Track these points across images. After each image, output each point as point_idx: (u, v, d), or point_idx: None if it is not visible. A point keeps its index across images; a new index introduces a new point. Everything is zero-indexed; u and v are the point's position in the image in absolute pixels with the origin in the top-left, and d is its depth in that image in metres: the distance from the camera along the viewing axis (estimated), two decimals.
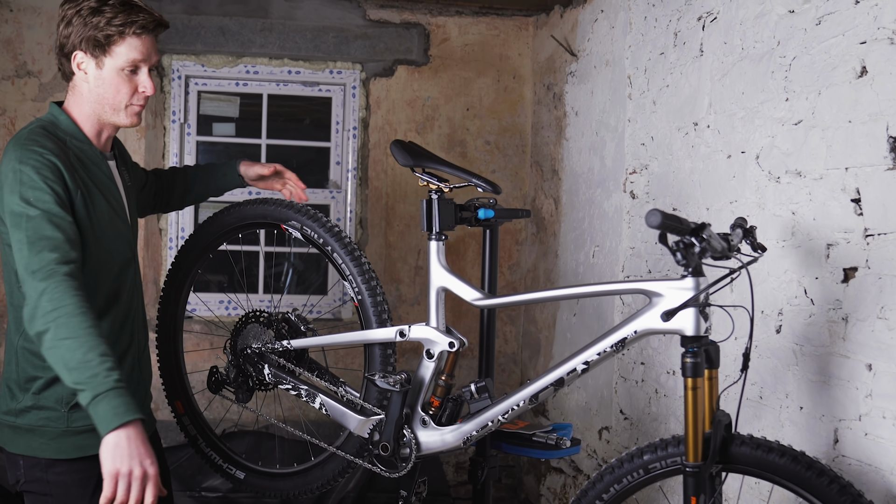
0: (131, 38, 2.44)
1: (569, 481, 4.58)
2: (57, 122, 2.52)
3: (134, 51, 2.46)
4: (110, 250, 2.53)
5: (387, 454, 2.75)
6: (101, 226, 2.48)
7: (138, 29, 2.44)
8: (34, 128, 2.46)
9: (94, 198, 2.47)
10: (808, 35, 2.67)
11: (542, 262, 5.09)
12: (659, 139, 3.65)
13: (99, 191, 2.49)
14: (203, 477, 4.48)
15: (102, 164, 2.55)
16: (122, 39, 2.44)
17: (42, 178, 2.31)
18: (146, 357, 2.77)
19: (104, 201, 2.51)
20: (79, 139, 2.51)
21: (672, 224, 2.10)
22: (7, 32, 4.91)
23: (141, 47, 2.47)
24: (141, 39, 2.46)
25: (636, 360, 3.80)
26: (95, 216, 2.46)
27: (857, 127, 2.45)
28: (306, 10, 5.16)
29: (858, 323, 2.44)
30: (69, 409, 2.47)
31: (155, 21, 2.48)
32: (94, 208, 2.45)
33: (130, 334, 2.63)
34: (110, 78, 2.48)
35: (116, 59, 2.45)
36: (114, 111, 2.52)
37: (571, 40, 4.73)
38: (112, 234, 2.53)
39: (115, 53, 2.45)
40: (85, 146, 2.52)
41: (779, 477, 2.19)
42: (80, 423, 2.46)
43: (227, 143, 5.46)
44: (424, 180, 2.84)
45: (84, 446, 2.46)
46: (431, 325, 2.78)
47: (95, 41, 2.43)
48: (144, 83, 2.51)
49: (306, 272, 5.67)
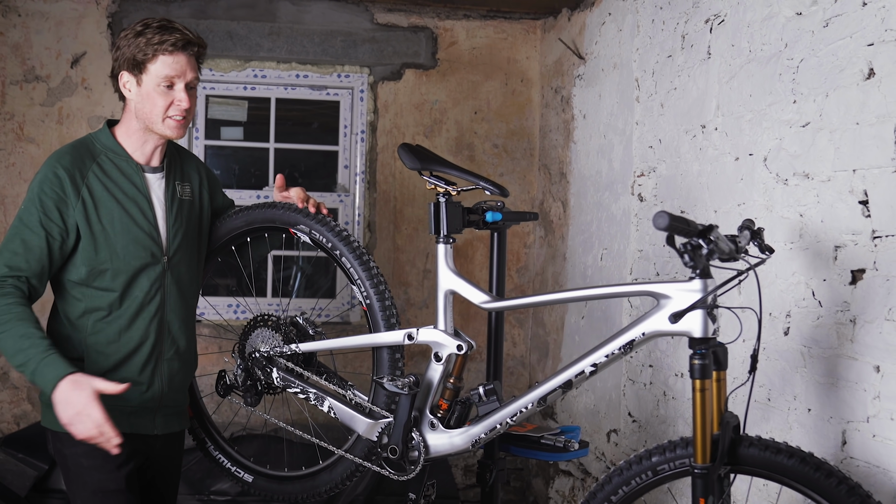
0: (164, 56, 2.69)
1: (577, 484, 4.58)
2: (98, 137, 2.82)
3: (166, 67, 2.70)
4: (122, 253, 2.74)
5: (395, 457, 2.75)
6: (107, 230, 2.72)
7: (170, 47, 2.69)
8: (72, 143, 2.80)
9: (104, 205, 2.72)
10: (816, 37, 2.67)
11: (551, 265, 5.09)
12: (667, 142, 3.65)
13: (115, 199, 2.74)
14: (212, 480, 4.48)
15: (135, 176, 2.80)
16: (155, 58, 2.69)
17: (40, 193, 2.66)
18: (175, 361, 2.89)
19: (119, 208, 2.74)
20: (115, 152, 2.79)
21: (680, 226, 2.10)
22: (15, 37, 4.93)
23: (174, 64, 2.71)
24: (174, 56, 2.70)
25: (644, 362, 3.79)
26: (101, 221, 2.71)
27: (864, 129, 2.45)
28: (314, 14, 5.18)
29: (866, 325, 2.44)
30: None
31: (185, 40, 2.72)
32: (98, 215, 2.71)
33: (144, 335, 2.79)
34: (147, 94, 2.73)
35: (152, 75, 2.71)
36: (154, 123, 2.75)
37: (579, 43, 4.73)
38: (125, 239, 2.74)
39: (150, 71, 2.71)
40: (119, 159, 2.79)
41: (787, 478, 2.18)
42: None
43: (236, 147, 5.48)
44: (432, 183, 2.85)
45: None
46: (440, 328, 2.78)
47: (134, 61, 2.71)
48: (179, 97, 2.73)
49: (315, 276, 5.68)
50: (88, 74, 5.00)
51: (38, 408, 4.99)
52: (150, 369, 2.81)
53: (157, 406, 2.84)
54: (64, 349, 2.68)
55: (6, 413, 4.99)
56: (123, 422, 2.71)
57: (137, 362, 2.78)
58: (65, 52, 4.98)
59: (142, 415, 2.82)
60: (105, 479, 2.73)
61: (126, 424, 2.73)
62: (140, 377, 2.78)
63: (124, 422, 2.72)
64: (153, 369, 2.82)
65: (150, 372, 2.81)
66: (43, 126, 4.97)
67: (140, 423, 2.81)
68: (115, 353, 2.75)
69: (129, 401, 2.74)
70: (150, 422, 2.84)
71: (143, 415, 2.82)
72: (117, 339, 2.75)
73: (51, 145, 4.95)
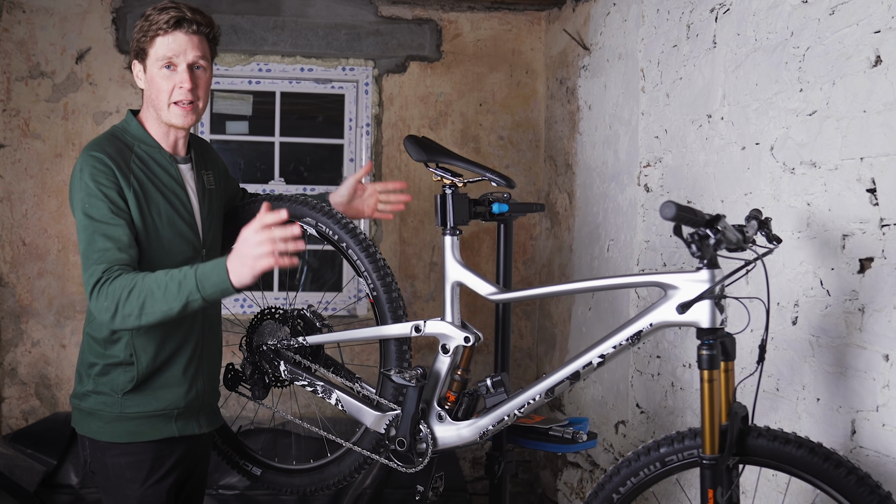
0: (160, 37, 2.63)
1: (585, 475, 4.58)
2: (127, 127, 2.73)
3: (163, 47, 2.63)
4: (167, 247, 2.68)
5: (403, 449, 2.76)
6: (156, 224, 2.64)
7: (164, 25, 2.61)
8: (103, 134, 2.71)
9: (151, 198, 2.64)
10: (822, 25, 2.66)
11: (557, 256, 5.08)
12: (673, 132, 3.64)
13: (159, 192, 2.67)
14: (220, 474, 4.49)
15: (170, 168, 2.73)
16: (153, 40, 2.64)
17: (97, 185, 2.53)
18: (212, 355, 2.88)
19: (164, 201, 2.67)
20: (147, 143, 2.71)
21: (687, 216, 2.09)
22: (20, 33, 4.94)
23: (171, 43, 2.63)
24: (170, 35, 2.63)
25: (652, 353, 3.79)
26: (150, 215, 2.63)
27: (871, 116, 2.43)
28: (318, 8, 5.17)
29: (875, 313, 2.43)
30: (123, 396, 2.67)
31: (178, 17, 2.63)
32: (148, 208, 2.63)
33: (189, 330, 2.76)
34: (152, 79, 2.67)
35: (152, 59, 2.65)
36: (161, 111, 2.68)
37: (584, 34, 4.72)
38: (171, 233, 2.68)
39: (151, 55, 2.65)
40: (153, 150, 2.71)
41: (796, 469, 2.18)
42: (132, 409, 2.68)
43: (241, 141, 5.48)
44: (438, 175, 2.84)
45: (136, 432, 2.68)
46: (447, 319, 2.77)
47: (138, 48, 2.68)
48: (180, 78, 2.65)
49: (321, 269, 5.68)
50: (93, 70, 5.00)
51: (46, 404, 5.01)
52: (194, 367, 2.77)
53: (200, 405, 2.81)
54: (107, 353, 2.68)
55: (15, 409, 5.00)
56: (171, 426, 2.73)
57: (182, 361, 2.74)
58: (69, 48, 4.98)
59: (188, 416, 2.77)
60: (148, 492, 2.69)
61: (174, 428, 2.73)
62: (184, 377, 2.74)
63: (172, 426, 2.73)
64: (196, 367, 2.78)
65: (193, 370, 2.77)
66: (48, 122, 4.97)
67: (187, 425, 2.76)
68: (162, 352, 2.69)
69: (176, 403, 2.72)
70: (195, 422, 2.79)
71: (189, 416, 2.77)
72: (163, 337, 2.68)
73: (56, 141, 4.96)
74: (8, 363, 4.98)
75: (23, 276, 4.97)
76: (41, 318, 5.00)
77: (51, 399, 5.02)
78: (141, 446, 2.68)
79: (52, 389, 5.01)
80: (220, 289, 2.39)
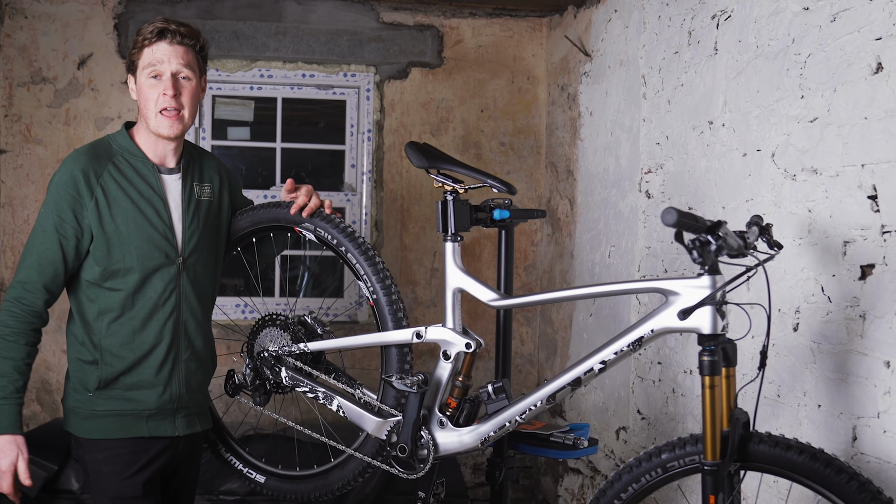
0: (146, 49, 2.74)
1: (586, 482, 4.58)
2: (115, 138, 2.84)
3: (148, 57, 2.74)
4: (136, 252, 2.74)
5: (404, 455, 2.75)
6: (120, 229, 2.72)
7: (149, 35, 2.73)
8: (89, 144, 2.83)
9: (118, 205, 2.73)
10: (823, 32, 2.66)
11: (558, 262, 5.08)
12: (674, 138, 3.65)
13: (130, 199, 2.75)
14: (221, 480, 4.48)
15: (151, 177, 2.81)
16: (140, 53, 2.75)
17: (55, 194, 2.70)
18: (191, 360, 2.89)
19: (133, 209, 2.75)
20: (132, 153, 2.81)
21: (688, 222, 2.09)
22: (22, 39, 4.94)
23: (155, 53, 2.73)
24: (154, 46, 2.73)
25: (653, 359, 3.79)
26: (114, 221, 2.72)
27: (873, 123, 2.44)
28: (320, 14, 5.18)
29: (876, 320, 2.44)
30: (94, 393, 2.77)
31: (161, 28, 2.73)
32: (112, 214, 2.72)
33: (159, 334, 2.80)
34: (140, 88, 2.77)
35: (140, 69, 2.76)
36: (149, 120, 2.77)
37: (585, 40, 4.73)
38: (139, 239, 2.75)
39: (139, 66, 2.76)
40: (135, 160, 2.80)
41: (797, 475, 2.18)
42: (102, 407, 2.77)
43: (242, 147, 5.48)
44: (439, 181, 2.84)
45: (107, 430, 2.77)
46: (448, 326, 2.77)
47: (130, 61, 2.80)
48: (164, 86, 2.73)
49: (322, 276, 5.68)
50: (95, 76, 5.00)
51: (47, 409, 5.00)
52: (167, 371, 2.81)
53: (175, 408, 2.84)
54: (80, 352, 2.79)
55: None
56: (141, 426, 2.78)
57: (153, 364, 2.78)
58: (71, 54, 4.99)
59: (161, 417, 2.81)
60: (123, 485, 2.75)
61: (143, 428, 2.78)
62: (156, 379, 2.79)
63: (142, 426, 2.79)
64: (170, 371, 2.82)
65: (166, 373, 2.81)
66: (50, 127, 4.98)
67: (160, 426, 2.81)
68: (130, 354, 2.76)
69: (146, 404, 2.78)
70: (170, 424, 2.83)
71: (162, 417, 2.81)
72: (131, 340, 2.76)
73: (58, 147, 4.96)
74: None
75: None
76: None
77: (51, 404, 5.02)
78: (115, 442, 2.77)
79: (53, 395, 5.01)
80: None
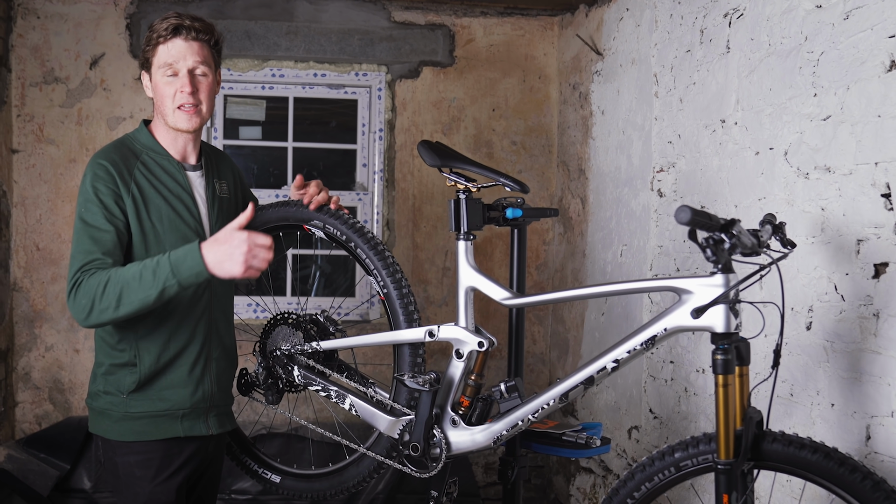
0: (161, 46, 2.72)
1: (598, 481, 4.57)
2: (137, 136, 2.83)
3: (164, 54, 2.72)
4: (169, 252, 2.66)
5: (417, 454, 2.75)
6: (156, 228, 2.71)
7: (164, 33, 2.71)
8: (113, 142, 2.80)
9: (153, 203, 2.72)
10: (836, 30, 2.66)
11: (570, 261, 5.08)
12: (686, 137, 3.64)
13: (162, 197, 2.74)
14: (233, 479, 4.50)
15: (178, 175, 2.80)
16: (155, 50, 2.73)
17: (95, 192, 2.64)
18: (221, 358, 2.90)
19: (167, 206, 2.74)
20: (156, 151, 2.80)
21: (702, 220, 2.09)
22: (35, 39, 4.96)
23: (171, 50, 2.71)
24: (170, 43, 2.71)
25: (665, 358, 3.78)
26: (150, 219, 2.71)
27: (886, 121, 2.43)
28: (331, 13, 5.18)
29: (890, 318, 2.43)
30: (128, 396, 2.73)
31: (177, 24, 2.71)
32: (148, 212, 2.70)
33: (193, 332, 2.80)
34: (157, 86, 2.76)
35: (155, 67, 2.74)
36: (167, 116, 2.76)
37: (597, 39, 4.72)
38: (173, 238, 2.73)
39: (154, 63, 2.74)
40: (161, 158, 2.79)
41: (811, 474, 2.17)
42: (136, 409, 2.73)
43: (254, 146, 5.49)
44: (452, 180, 2.84)
45: (142, 431, 2.73)
46: (460, 324, 2.77)
47: (144, 59, 2.78)
48: (181, 83, 2.72)
49: (333, 275, 5.69)
50: (107, 75, 5.02)
51: (59, 408, 5.02)
52: (200, 369, 2.80)
53: (208, 406, 2.83)
54: (113, 356, 2.75)
55: (28, 413, 5.02)
56: (176, 426, 2.77)
57: (186, 363, 2.78)
58: (83, 54, 5.00)
59: (194, 417, 2.80)
60: (156, 490, 2.73)
61: (178, 428, 2.77)
62: (189, 378, 2.78)
63: (177, 426, 2.77)
64: (202, 369, 2.81)
65: (199, 372, 2.80)
66: (62, 127, 5.00)
67: (194, 426, 2.80)
68: (166, 353, 2.74)
69: (180, 403, 2.76)
70: (203, 423, 2.82)
71: (195, 416, 2.80)
72: (167, 339, 2.74)
73: (70, 146, 4.98)
74: (22, 368, 5.00)
75: (36, 280, 4.99)
76: (55, 322, 5.02)
77: (64, 403, 5.04)
78: (149, 445, 2.73)
79: (66, 394, 5.03)
80: (194, 272, 2.50)
